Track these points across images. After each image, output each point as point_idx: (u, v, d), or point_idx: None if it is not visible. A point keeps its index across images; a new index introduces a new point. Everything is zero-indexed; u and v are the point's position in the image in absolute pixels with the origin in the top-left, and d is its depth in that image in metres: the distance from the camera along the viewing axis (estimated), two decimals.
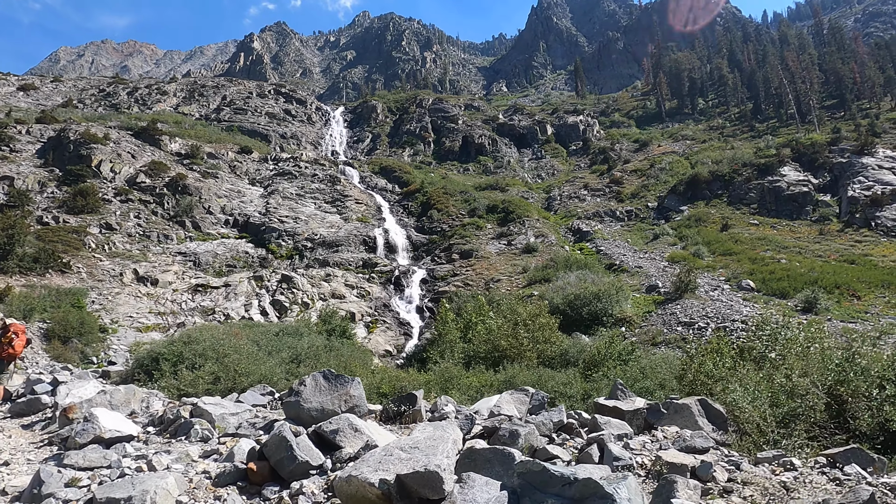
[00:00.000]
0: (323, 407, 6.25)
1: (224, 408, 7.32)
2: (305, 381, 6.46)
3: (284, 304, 32.90)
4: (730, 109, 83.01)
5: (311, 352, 14.15)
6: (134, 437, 6.62)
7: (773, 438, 4.92)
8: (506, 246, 43.11)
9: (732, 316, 22.83)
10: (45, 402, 9.00)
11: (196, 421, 6.79)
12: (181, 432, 6.75)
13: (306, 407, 6.27)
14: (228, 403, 7.46)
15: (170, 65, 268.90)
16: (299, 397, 6.33)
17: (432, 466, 3.85)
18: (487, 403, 6.26)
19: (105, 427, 6.38)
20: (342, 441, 5.19)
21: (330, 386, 6.46)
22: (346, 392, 6.42)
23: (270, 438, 4.93)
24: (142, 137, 54.59)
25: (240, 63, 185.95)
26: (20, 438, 7.61)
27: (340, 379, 6.57)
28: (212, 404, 7.36)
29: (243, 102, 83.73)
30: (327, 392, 6.37)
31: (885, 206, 41.82)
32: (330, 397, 6.33)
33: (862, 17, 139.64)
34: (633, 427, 5.36)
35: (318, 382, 6.50)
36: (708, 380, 10.14)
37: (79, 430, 6.33)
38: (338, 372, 11.17)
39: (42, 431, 7.90)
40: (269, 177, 55.02)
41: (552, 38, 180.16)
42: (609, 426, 5.18)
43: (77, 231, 35.95)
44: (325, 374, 6.62)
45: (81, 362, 20.07)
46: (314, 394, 6.37)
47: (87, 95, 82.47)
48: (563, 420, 5.38)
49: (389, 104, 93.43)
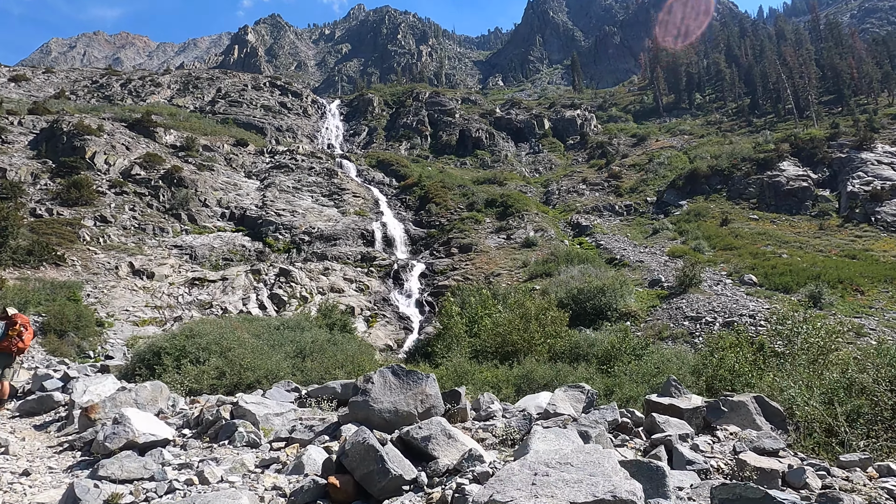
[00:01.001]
0: (396, 408, 5.56)
1: (267, 407, 6.72)
2: (372, 378, 5.82)
3: (283, 298, 32.53)
4: (727, 104, 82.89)
5: (316, 346, 13.82)
6: (170, 442, 6.06)
7: (846, 439, 4.65)
8: (505, 240, 42.83)
9: (740, 311, 22.65)
10: (57, 399, 8.41)
11: (239, 423, 6.16)
12: (223, 436, 6.12)
13: (377, 408, 5.59)
14: (271, 402, 6.87)
15: (163, 57, 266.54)
16: (367, 396, 5.65)
17: (623, 494, 2.96)
18: (534, 401, 5.91)
19: (139, 430, 5.76)
20: (435, 450, 4.50)
21: (401, 384, 5.78)
22: (422, 391, 5.71)
23: (353, 447, 4.23)
24: (136, 129, 53.92)
25: (234, 55, 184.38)
26: (35, 441, 6.96)
27: (413, 376, 5.87)
28: (254, 403, 6.72)
29: (238, 95, 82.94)
30: (399, 390, 5.69)
31: (884, 202, 41.79)
32: (403, 396, 5.65)
33: (858, 14, 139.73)
34: (693, 426, 4.99)
35: (387, 379, 5.82)
36: (729, 375, 9.91)
37: (108, 433, 5.73)
38: (344, 364, 10.80)
39: (59, 433, 7.24)
40: (265, 170, 54.48)
41: (548, 33, 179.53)
42: (668, 426, 4.82)
43: (71, 223, 35.42)
44: (394, 370, 5.94)
45: (78, 356, 19.68)
46: (384, 392, 5.67)
47: (80, 87, 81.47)
48: (618, 419, 5.03)
49: (386, 97, 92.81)
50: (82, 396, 7.75)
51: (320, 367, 11.93)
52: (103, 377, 8.72)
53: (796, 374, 9.04)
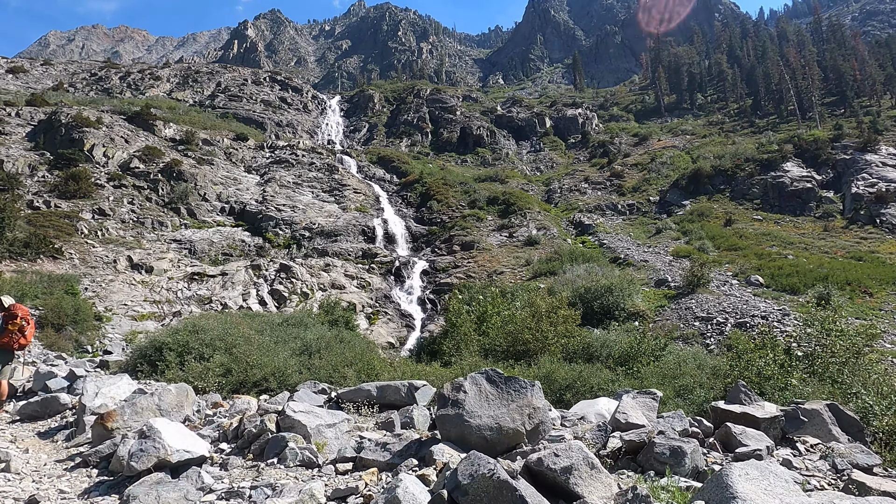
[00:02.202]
0: (499, 424, 4.60)
1: (318, 417, 5.65)
2: (463, 386, 4.85)
3: (283, 294, 32.11)
4: (729, 105, 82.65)
5: (323, 343, 13.41)
6: (206, 459, 5.14)
7: None
8: (507, 238, 42.47)
9: (751, 311, 22.32)
10: (63, 401, 7.54)
11: (289, 437, 5.18)
12: (270, 452, 5.16)
13: (474, 424, 4.62)
14: (321, 411, 5.81)
15: (162, 51, 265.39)
16: (461, 409, 4.71)
17: None
18: (592, 407, 5.49)
19: (171, 446, 4.83)
20: (578, 485, 3.54)
21: (499, 393, 4.81)
22: (528, 403, 4.72)
23: (475, 483, 3.27)
24: (135, 122, 53.36)
25: (233, 50, 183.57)
26: (40, 453, 6.03)
27: (513, 384, 4.87)
28: (303, 413, 5.61)
29: (238, 89, 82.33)
30: (497, 402, 4.75)
31: (889, 204, 41.55)
32: (506, 410, 4.69)
33: (859, 16, 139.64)
34: (770, 438, 4.52)
35: (482, 388, 4.85)
36: (757, 378, 9.55)
37: (134, 449, 4.79)
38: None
39: (67, 444, 6.31)
40: (265, 164, 54.00)
41: (549, 31, 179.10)
42: (746, 437, 4.37)
43: (69, 216, 34.93)
44: (489, 377, 4.95)
45: (76, 351, 19.24)
46: (481, 404, 4.73)
47: (79, 79, 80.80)
48: (687, 428, 4.62)
49: (386, 94, 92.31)
50: (94, 400, 6.86)
51: (328, 364, 11.52)
52: (117, 377, 7.80)
53: (867, 378, 8.66)
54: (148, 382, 9.82)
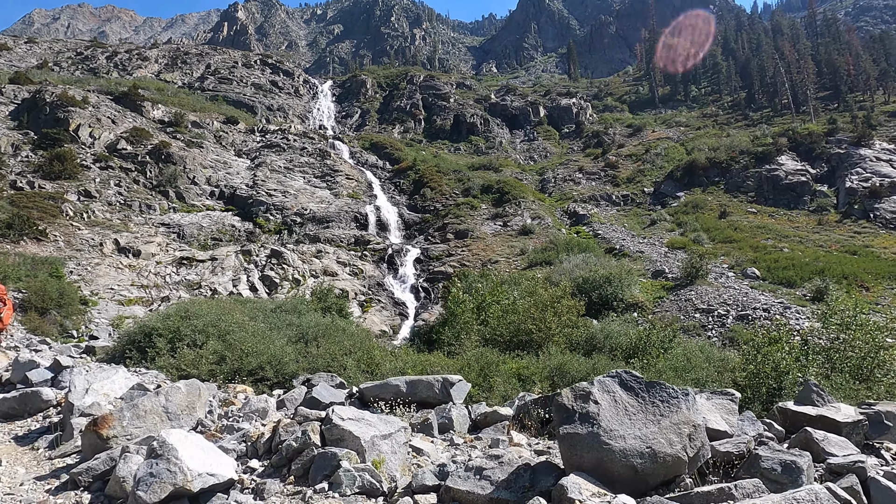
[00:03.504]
0: (653, 449, 3.58)
1: (370, 424, 4.60)
2: (593, 394, 3.86)
3: (274, 280, 31.54)
4: (723, 98, 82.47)
5: (320, 330, 12.94)
6: (235, 483, 4.16)
7: None
8: (501, 227, 42.06)
9: (752, 304, 22.11)
10: (46, 397, 6.44)
11: (342, 454, 4.19)
12: (318, 474, 4.17)
13: (617, 448, 3.60)
14: (373, 417, 4.74)
15: (149, 32, 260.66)
16: (595, 426, 3.71)
17: None
18: None
19: (190, 468, 3.85)
20: None
21: (642, 405, 3.82)
22: (685, 419, 3.73)
23: None
24: (122, 103, 52.16)
25: (223, 33, 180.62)
26: (16, 466, 4.93)
27: (658, 391, 3.88)
28: (352, 420, 4.56)
29: (228, 72, 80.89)
30: (642, 416, 3.76)
31: (883, 198, 41.59)
32: (656, 429, 3.66)
33: (852, 11, 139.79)
34: (854, 444, 4.05)
35: (617, 397, 3.88)
36: (773, 373, 9.23)
37: (143, 473, 3.76)
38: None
39: (51, 453, 5.21)
40: (256, 149, 53.07)
41: (544, 20, 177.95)
42: (829, 444, 3.90)
43: (54, 197, 34.02)
44: (623, 381, 3.98)
45: (60, 336, 18.62)
46: (620, 420, 3.74)
47: (64, 58, 78.95)
48: (761, 433, 4.18)
49: (379, 80, 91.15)
50: (84, 397, 5.73)
51: (326, 353, 11.07)
52: (111, 370, 6.61)
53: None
54: (138, 370, 9.29)
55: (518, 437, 4.66)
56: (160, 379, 7.94)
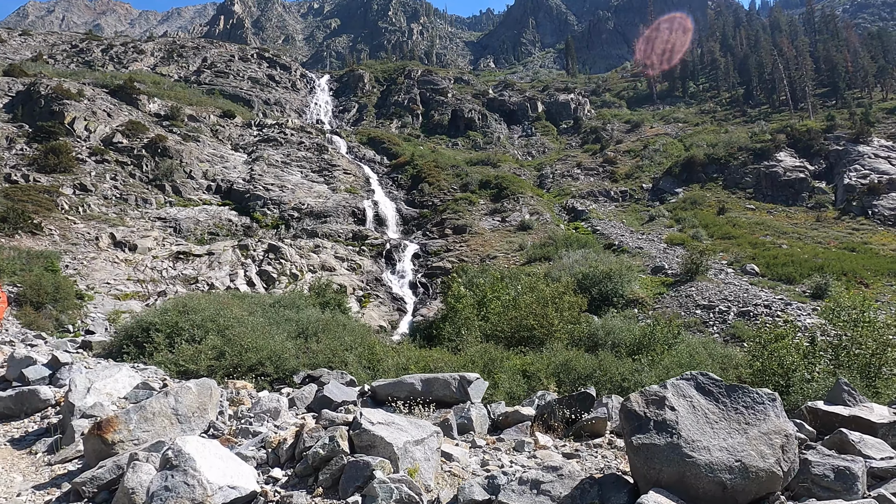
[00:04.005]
0: (743, 462, 3.20)
1: (401, 429, 4.21)
2: (667, 399, 3.48)
3: (272, 275, 31.34)
4: (721, 94, 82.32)
5: (320, 326, 12.79)
6: (257, 496, 3.80)
7: None
8: (500, 222, 41.94)
9: (753, 300, 22.05)
10: (44, 396, 6.07)
11: (375, 463, 3.80)
12: (349, 486, 3.78)
13: (702, 461, 3.22)
14: (402, 420, 4.35)
15: (145, 25, 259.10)
16: (674, 436, 3.33)
17: None
18: None
19: (210, 480, 3.52)
20: None
21: (723, 411, 3.44)
22: (776, 428, 3.35)
23: None
24: (118, 96, 51.75)
25: (219, 26, 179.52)
26: (13, 472, 4.58)
27: (741, 396, 3.48)
28: (383, 424, 4.18)
29: (225, 66, 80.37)
30: (725, 424, 3.37)
31: (881, 195, 41.59)
32: (744, 439, 3.27)
33: (850, 8, 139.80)
34: (890, 446, 3.82)
35: (695, 403, 3.49)
36: (780, 369, 9.13)
37: (157, 487, 3.43)
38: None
39: (51, 457, 4.84)
40: (252, 143, 52.74)
41: (541, 15, 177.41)
42: (865, 446, 3.69)
43: (49, 191, 33.72)
44: (700, 385, 3.57)
45: (56, 330, 18.41)
46: (701, 429, 3.35)
47: (59, 51, 78.32)
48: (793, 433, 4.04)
49: (377, 74, 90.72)
50: (85, 398, 5.34)
51: (327, 349, 10.93)
52: (113, 368, 6.22)
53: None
54: (136, 366, 9.12)
55: (543, 439, 4.49)
56: (160, 376, 7.75)
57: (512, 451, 4.57)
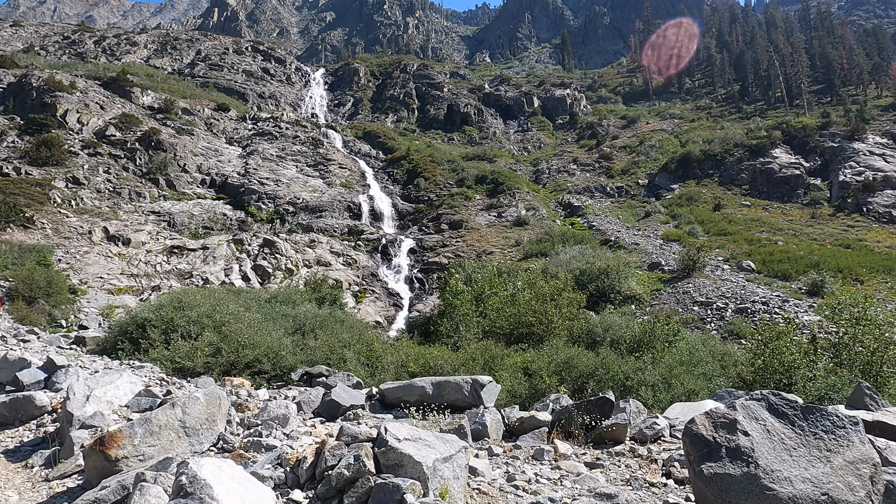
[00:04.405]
0: (830, 496, 2.90)
1: (428, 445, 3.88)
2: (739, 422, 3.15)
3: (267, 270, 31.16)
4: (716, 90, 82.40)
5: (317, 322, 12.66)
6: None
7: None
8: (496, 218, 41.82)
9: (751, 297, 22.05)
10: (40, 403, 5.68)
11: (405, 486, 3.46)
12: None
13: (784, 495, 2.89)
14: (429, 436, 4.02)
15: (138, 17, 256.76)
16: (750, 464, 3.01)
17: None
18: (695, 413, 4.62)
19: None
20: None
21: (801, 436, 3.12)
22: (860, 454, 3.02)
23: None
24: (111, 88, 51.24)
25: (213, 19, 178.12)
26: (8, 490, 4.24)
27: (818, 418, 3.18)
28: (410, 441, 3.85)
29: (219, 58, 79.73)
30: (804, 451, 3.04)
31: (876, 192, 41.72)
32: (828, 468, 2.96)
33: (845, 5, 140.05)
34: None
35: (769, 426, 3.17)
36: (781, 367, 9.08)
37: None
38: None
39: (48, 472, 4.50)
40: (247, 136, 52.38)
41: (538, 10, 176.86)
42: (891, 452, 3.53)
43: (41, 184, 33.37)
44: (772, 406, 3.25)
45: (49, 325, 18.21)
46: (778, 456, 3.02)
47: (51, 42, 77.47)
48: None
49: (372, 68, 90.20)
50: (84, 406, 4.98)
51: (325, 345, 10.81)
52: (114, 373, 5.76)
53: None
54: (132, 362, 8.96)
55: (563, 447, 4.34)
56: (157, 375, 7.58)
57: (531, 459, 4.40)
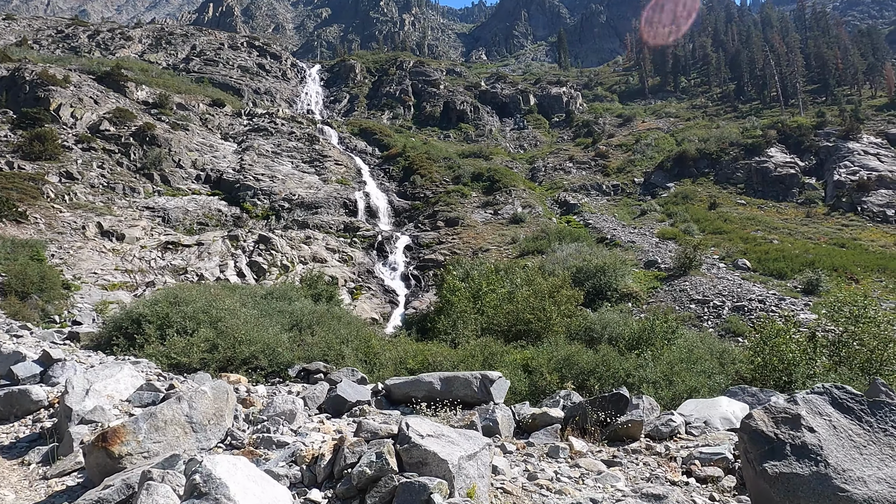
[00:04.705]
0: None
1: (451, 441, 3.70)
2: (803, 417, 2.94)
3: (263, 267, 31.01)
4: (712, 89, 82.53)
5: (314, 318, 12.58)
6: None
7: None
8: (492, 215, 41.78)
9: (747, 295, 22.09)
10: (36, 397, 5.48)
11: (432, 485, 3.28)
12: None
13: (859, 496, 2.74)
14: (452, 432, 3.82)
15: (132, 12, 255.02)
16: (819, 464, 2.84)
17: None
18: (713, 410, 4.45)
19: None
20: None
21: (869, 432, 2.92)
22: None
23: None
24: (105, 83, 50.86)
25: (208, 14, 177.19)
26: (5, 489, 4.01)
27: (886, 413, 2.98)
28: (433, 437, 3.68)
29: (214, 54, 79.31)
30: (874, 448, 2.85)
31: (871, 192, 41.89)
32: None
33: (840, 6, 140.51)
34: None
35: (835, 421, 2.97)
36: (781, 364, 9.06)
37: None
38: (364, 347, 9.47)
39: (48, 470, 4.30)
40: (242, 132, 52.12)
41: (534, 8, 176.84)
42: None
43: (34, 179, 33.09)
44: (835, 399, 3.08)
45: (42, 321, 18.05)
46: (847, 454, 2.83)
47: (44, 36, 76.85)
48: None
49: (368, 65, 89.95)
50: (84, 401, 4.74)
51: (322, 341, 10.73)
52: (114, 366, 5.52)
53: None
54: (127, 358, 8.85)
55: (578, 444, 4.24)
56: (154, 371, 7.47)
57: (545, 457, 4.29)
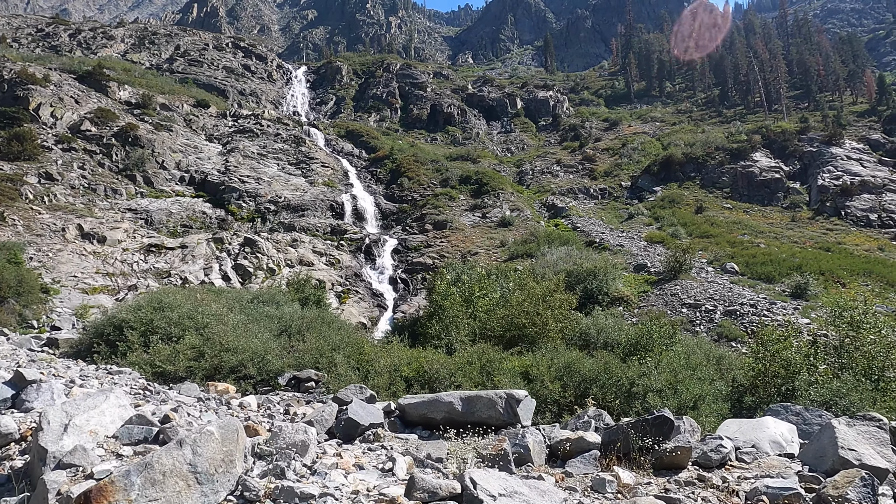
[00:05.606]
0: None
1: (526, 500, 3.24)
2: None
3: (248, 270, 30.50)
4: (696, 94, 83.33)
5: (304, 323, 12.23)
6: None
7: None
8: (480, 218, 41.59)
9: (739, 299, 22.08)
10: (5, 429, 4.50)
11: None
12: None
13: None
14: (518, 483, 3.41)
15: (115, 11, 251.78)
16: None
17: None
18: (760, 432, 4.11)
19: None
20: None
21: None
22: None
23: None
24: (86, 82, 49.91)
25: (193, 14, 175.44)
26: None
27: None
28: (506, 496, 3.19)
29: (199, 54, 78.37)
30: None
31: (854, 197, 42.38)
32: None
33: (820, 14, 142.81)
34: None
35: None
36: (782, 370, 8.90)
37: None
38: (345, 351, 9.18)
39: None
40: (227, 134, 51.43)
41: (520, 12, 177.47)
42: None
43: (12, 179, 32.28)
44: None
45: (19, 326, 17.46)
46: None
47: (24, 35, 75.43)
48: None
49: (355, 66, 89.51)
50: (61, 440, 3.85)
51: (313, 349, 10.39)
52: (99, 395, 4.46)
53: None
54: (109, 367, 8.43)
55: (625, 476, 3.85)
56: (138, 381, 7.06)
57: (590, 491, 3.91)
